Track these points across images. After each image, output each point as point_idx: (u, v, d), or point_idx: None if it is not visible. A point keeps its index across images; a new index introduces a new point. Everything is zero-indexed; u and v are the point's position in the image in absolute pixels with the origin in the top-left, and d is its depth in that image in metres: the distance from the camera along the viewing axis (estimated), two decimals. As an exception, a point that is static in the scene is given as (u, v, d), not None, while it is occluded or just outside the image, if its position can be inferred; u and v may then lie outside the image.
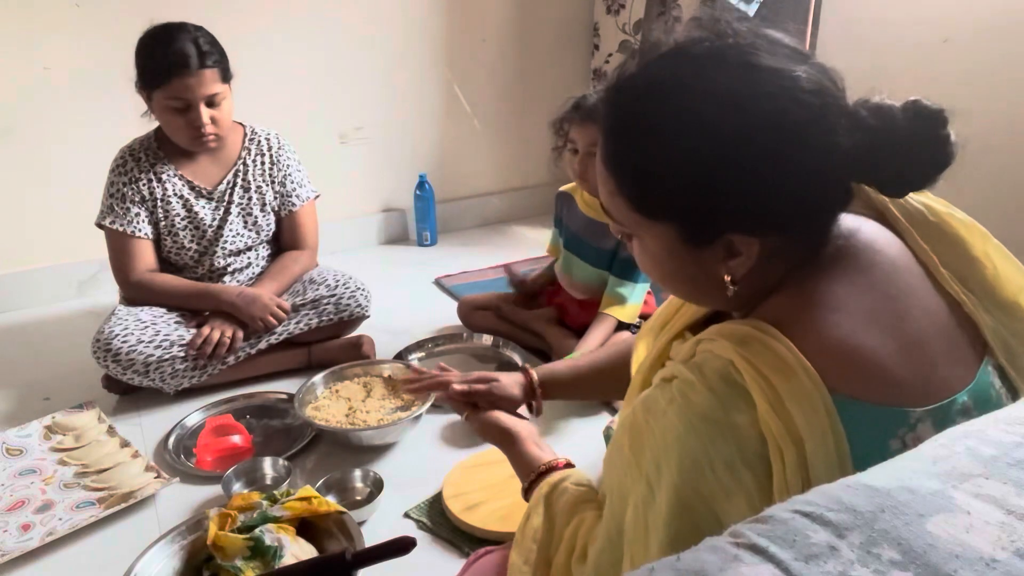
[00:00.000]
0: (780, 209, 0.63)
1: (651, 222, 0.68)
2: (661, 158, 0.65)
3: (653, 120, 0.65)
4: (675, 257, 0.69)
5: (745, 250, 0.65)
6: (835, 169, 0.63)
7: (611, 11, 2.90)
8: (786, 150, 0.61)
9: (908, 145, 0.63)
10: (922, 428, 0.60)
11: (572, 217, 1.93)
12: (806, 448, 0.57)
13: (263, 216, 1.95)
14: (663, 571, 0.45)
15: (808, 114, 0.61)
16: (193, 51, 1.67)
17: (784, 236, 0.65)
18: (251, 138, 1.94)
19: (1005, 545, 0.44)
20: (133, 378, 1.72)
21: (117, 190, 1.81)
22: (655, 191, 0.66)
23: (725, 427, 0.60)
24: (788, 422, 0.58)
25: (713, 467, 0.60)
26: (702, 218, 0.65)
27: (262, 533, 1.13)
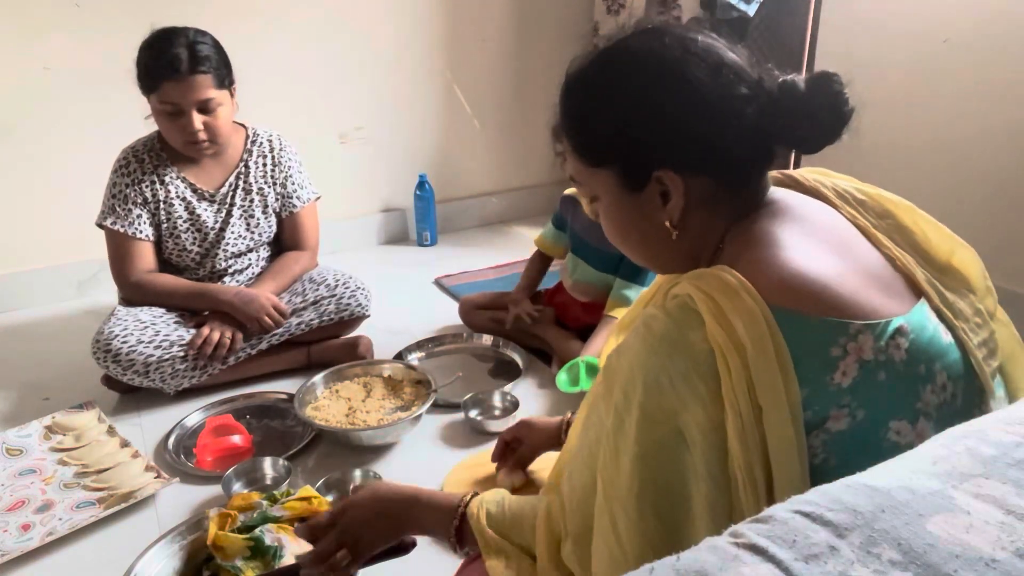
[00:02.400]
0: (694, 149, 0.75)
1: (596, 170, 0.80)
2: (594, 107, 0.79)
3: (588, 81, 0.80)
4: (623, 209, 0.81)
5: (673, 188, 0.75)
6: (739, 120, 0.74)
7: (611, 11, 2.90)
8: (690, 97, 0.74)
9: (809, 106, 0.73)
10: (862, 339, 0.66)
11: (578, 221, 1.93)
12: (748, 354, 0.63)
13: (264, 218, 1.95)
14: (663, 571, 0.45)
15: (707, 73, 0.74)
16: (185, 56, 1.66)
17: (707, 179, 0.76)
18: (253, 140, 1.93)
19: (1005, 545, 0.44)
20: (133, 378, 1.72)
21: (119, 191, 1.81)
22: (593, 136, 0.80)
23: (680, 344, 0.66)
24: (731, 332, 0.64)
25: (672, 381, 0.66)
26: (633, 157, 0.77)
27: (262, 533, 1.13)
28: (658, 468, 0.67)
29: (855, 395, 0.65)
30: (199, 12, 2.33)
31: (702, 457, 0.66)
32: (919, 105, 2.15)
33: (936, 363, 0.69)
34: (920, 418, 0.68)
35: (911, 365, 0.68)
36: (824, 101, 0.73)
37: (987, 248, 2.35)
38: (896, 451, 0.62)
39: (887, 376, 0.66)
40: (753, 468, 0.64)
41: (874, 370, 0.66)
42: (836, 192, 0.81)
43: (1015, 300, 2.02)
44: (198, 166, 1.86)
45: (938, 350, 0.70)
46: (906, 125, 2.19)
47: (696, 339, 0.66)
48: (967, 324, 0.74)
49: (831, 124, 0.73)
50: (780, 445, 0.64)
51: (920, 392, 0.68)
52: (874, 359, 0.66)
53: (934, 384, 0.69)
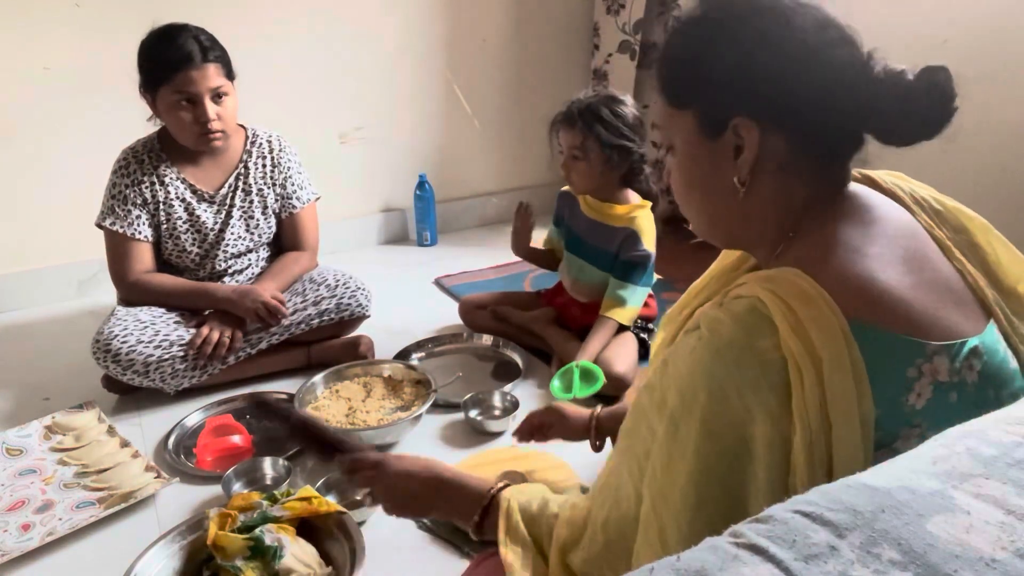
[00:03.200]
0: (777, 99, 0.71)
1: (678, 111, 0.77)
2: (689, 41, 0.76)
3: (690, 18, 0.77)
4: (696, 158, 0.77)
5: (748, 139, 0.72)
6: (833, 85, 0.70)
7: (611, 11, 2.90)
8: (786, 43, 0.71)
9: (912, 96, 0.69)
10: (938, 360, 0.63)
11: (575, 219, 1.93)
12: (823, 367, 0.60)
13: (264, 219, 1.95)
14: (663, 571, 0.45)
15: (813, 25, 0.71)
16: (196, 46, 1.69)
17: (785, 140, 0.72)
18: (252, 140, 1.93)
19: (1005, 545, 0.44)
20: (133, 378, 1.72)
21: (119, 191, 1.81)
22: (683, 71, 0.77)
23: (749, 351, 0.63)
24: (807, 343, 0.61)
25: (740, 391, 0.62)
26: (716, 97, 0.74)
27: (262, 533, 1.13)
28: (718, 482, 0.64)
29: (926, 416, 0.63)
30: (199, 12, 2.33)
31: (766, 472, 0.62)
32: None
33: (1004, 389, 0.67)
34: None
35: (982, 389, 0.66)
36: (931, 95, 0.69)
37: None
38: None
39: (958, 397, 0.64)
40: (817, 483, 0.60)
41: (947, 391, 0.64)
42: (913, 199, 0.78)
43: (1015, 300, 2.03)
44: (198, 167, 1.86)
45: (1007, 375, 0.68)
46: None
47: (767, 347, 0.62)
48: None
49: (932, 118, 0.69)
50: (847, 463, 0.60)
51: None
52: (948, 380, 0.64)
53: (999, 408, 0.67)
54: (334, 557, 1.18)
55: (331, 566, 1.17)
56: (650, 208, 1.85)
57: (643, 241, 1.80)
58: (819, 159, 0.73)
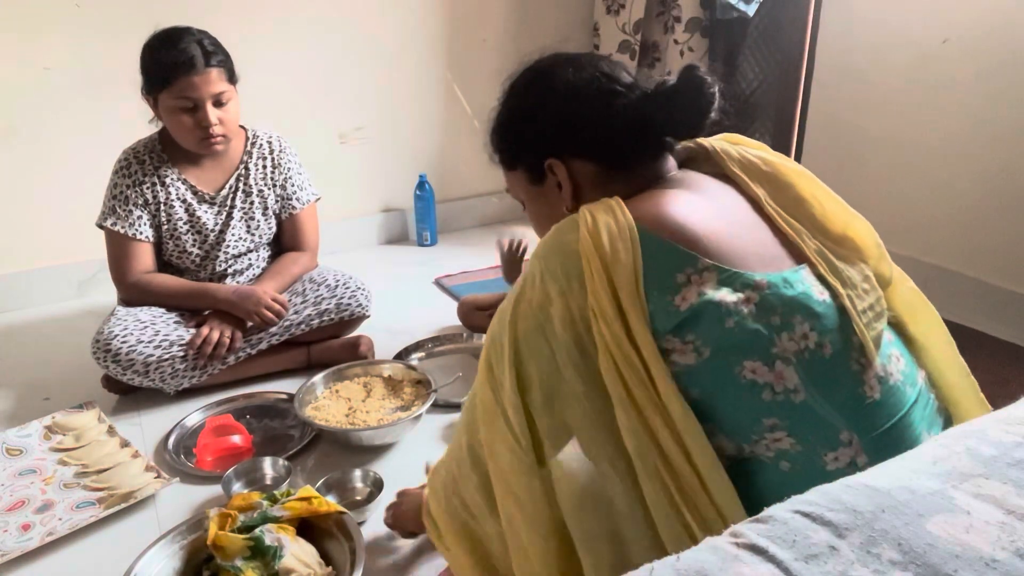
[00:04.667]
0: (569, 137, 0.91)
1: (512, 173, 1.00)
2: (497, 119, 1.01)
3: (495, 112, 1.02)
4: (536, 202, 0.99)
5: (560, 173, 0.92)
6: (608, 110, 0.89)
7: (611, 11, 2.90)
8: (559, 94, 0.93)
9: (679, 95, 0.87)
10: (707, 275, 0.76)
11: None
12: (607, 261, 0.75)
13: (264, 220, 1.95)
14: (663, 571, 0.45)
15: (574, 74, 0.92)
16: (198, 51, 1.68)
17: (590, 163, 0.91)
18: (253, 142, 1.93)
19: (1005, 545, 0.44)
20: (133, 378, 1.72)
21: (120, 192, 1.81)
22: (500, 143, 1.01)
23: (556, 246, 0.80)
24: (597, 241, 0.77)
25: (543, 277, 0.79)
26: (527, 152, 0.96)
27: (262, 533, 1.13)
28: (529, 357, 0.80)
29: (697, 331, 0.75)
30: (199, 12, 2.33)
31: (563, 347, 0.78)
32: (918, 105, 2.15)
33: (797, 315, 0.77)
34: (777, 361, 0.75)
35: (762, 314, 0.76)
36: (689, 88, 0.86)
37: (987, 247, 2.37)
38: (754, 388, 0.75)
39: (735, 323, 0.74)
40: (623, 346, 0.74)
41: (722, 316, 0.74)
42: (740, 162, 0.89)
43: (1014, 300, 2.03)
44: (199, 168, 1.86)
45: (803, 306, 0.77)
46: (905, 125, 2.19)
47: (569, 240, 0.79)
48: (853, 291, 0.82)
49: (697, 107, 0.86)
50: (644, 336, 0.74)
51: (775, 339, 0.75)
52: (721, 303, 0.74)
53: (792, 333, 0.76)
54: (334, 557, 1.18)
55: (331, 566, 1.17)
56: None
57: None
58: (625, 168, 0.90)
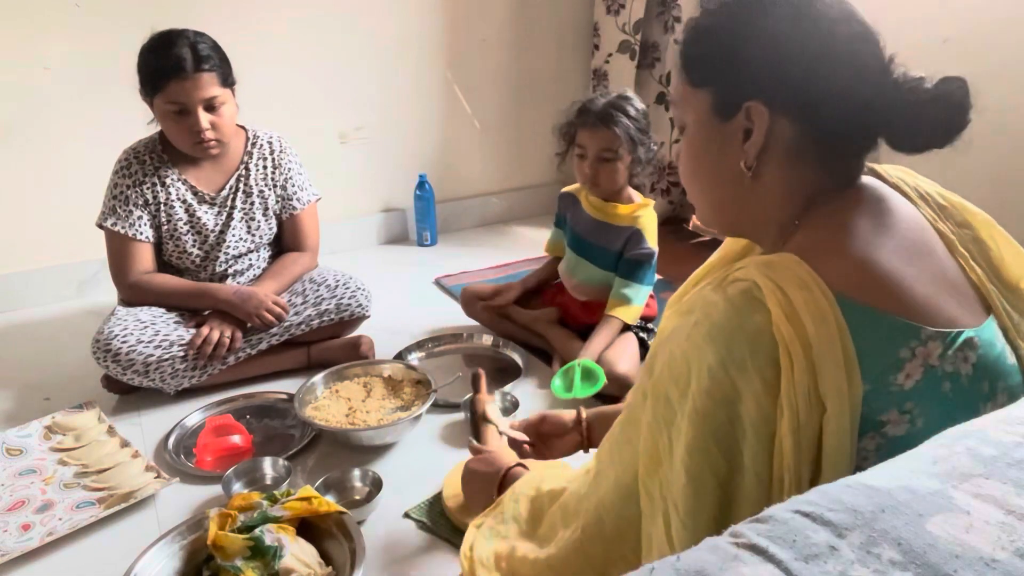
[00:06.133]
0: (792, 86, 0.71)
1: (694, 90, 0.78)
2: (714, 22, 0.77)
3: (713, 6, 0.77)
4: (706, 138, 0.78)
5: (758, 121, 0.72)
6: (850, 80, 0.71)
7: (611, 11, 2.90)
8: (807, 31, 0.71)
9: (928, 105, 0.70)
10: (932, 346, 0.64)
11: (577, 218, 1.93)
12: (813, 354, 0.61)
13: (265, 220, 1.95)
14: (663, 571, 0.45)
15: (837, 17, 0.71)
16: (189, 55, 1.67)
17: (795, 127, 0.72)
18: (253, 142, 1.93)
19: (1005, 545, 0.44)
20: (133, 378, 1.72)
21: (120, 192, 1.81)
22: (704, 50, 0.77)
23: (740, 332, 0.64)
24: (799, 328, 0.62)
25: (728, 371, 0.63)
26: (732, 78, 0.74)
27: (262, 533, 1.13)
28: (709, 463, 0.65)
29: (916, 401, 0.64)
30: (199, 12, 2.34)
31: (751, 452, 0.63)
32: (919, 105, 2.15)
33: (1000, 382, 0.68)
34: None
35: (976, 381, 0.66)
36: (946, 107, 0.70)
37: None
38: None
39: (951, 388, 0.65)
40: (801, 468, 0.62)
41: (940, 379, 0.64)
42: (918, 193, 0.79)
43: (1015, 300, 2.03)
44: (199, 168, 1.86)
45: (1004, 369, 0.69)
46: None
47: (758, 329, 0.63)
48: None
49: (944, 129, 0.71)
50: (836, 449, 0.62)
51: (980, 409, 0.66)
52: (940, 367, 0.64)
53: (995, 403, 0.67)
54: (334, 557, 1.18)
55: (331, 566, 1.17)
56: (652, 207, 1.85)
57: (647, 240, 1.80)
58: (830, 152, 0.74)
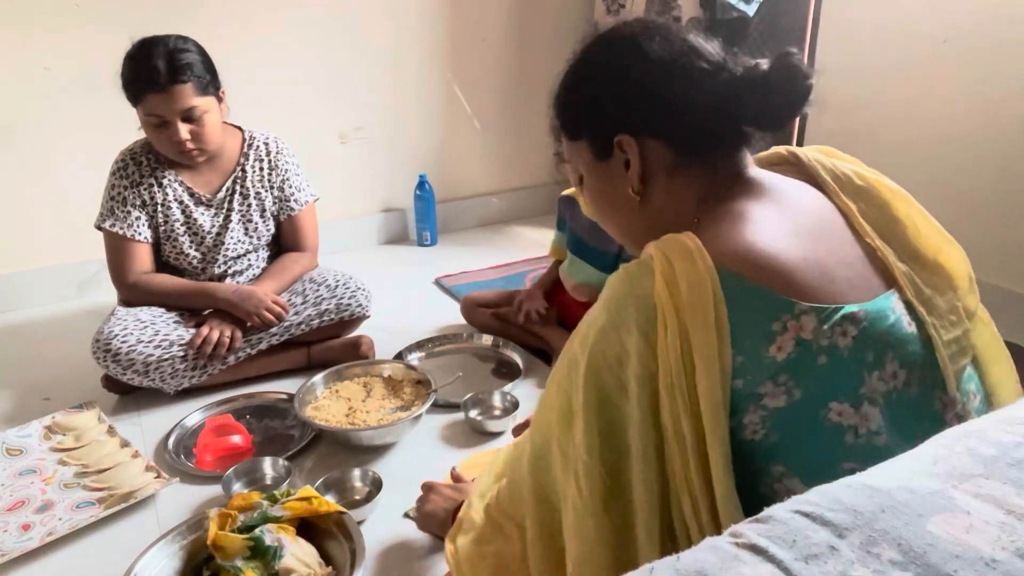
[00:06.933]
0: (648, 113, 0.81)
1: (574, 144, 0.89)
2: (568, 83, 0.88)
3: (568, 66, 0.89)
4: (597, 179, 0.88)
5: (630, 151, 0.81)
6: (693, 90, 0.79)
7: (611, 11, 2.90)
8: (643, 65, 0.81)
9: (770, 82, 0.77)
10: (805, 320, 0.68)
11: (575, 221, 1.93)
12: (686, 317, 0.67)
13: (263, 222, 1.95)
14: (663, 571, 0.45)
15: (661, 46, 0.80)
16: (164, 67, 1.64)
17: (664, 146, 0.81)
18: (249, 143, 1.92)
19: (1005, 545, 0.44)
20: (133, 378, 1.72)
21: (118, 193, 1.81)
22: (567, 109, 0.89)
23: (630, 296, 0.71)
24: (675, 294, 0.68)
25: (618, 332, 0.71)
26: (597, 123, 0.84)
27: (262, 533, 1.13)
28: (600, 417, 0.71)
29: (791, 373, 0.67)
30: (199, 12, 2.34)
31: (639, 409, 0.69)
32: (919, 105, 2.15)
33: (889, 352, 0.71)
34: (864, 403, 0.69)
35: (857, 351, 0.69)
36: (784, 77, 0.76)
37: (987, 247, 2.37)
38: (838, 432, 0.68)
39: (828, 360, 0.68)
40: (680, 421, 0.67)
41: (815, 353, 0.67)
42: (834, 175, 0.82)
43: (1015, 300, 2.02)
44: (195, 170, 1.86)
45: (896, 339, 0.71)
46: (906, 125, 2.19)
47: (644, 294, 0.70)
48: (939, 321, 0.76)
49: (791, 97, 0.77)
50: (710, 407, 0.66)
51: (865, 378, 0.69)
52: (814, 340, 0.67)
53: (882, 371, 0.70)
54: (334, 557, 1.18)
55: (331, 566, 1.17)
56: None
57: None
58: (703, 154, 0.81)
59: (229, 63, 2.40)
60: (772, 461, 0.69)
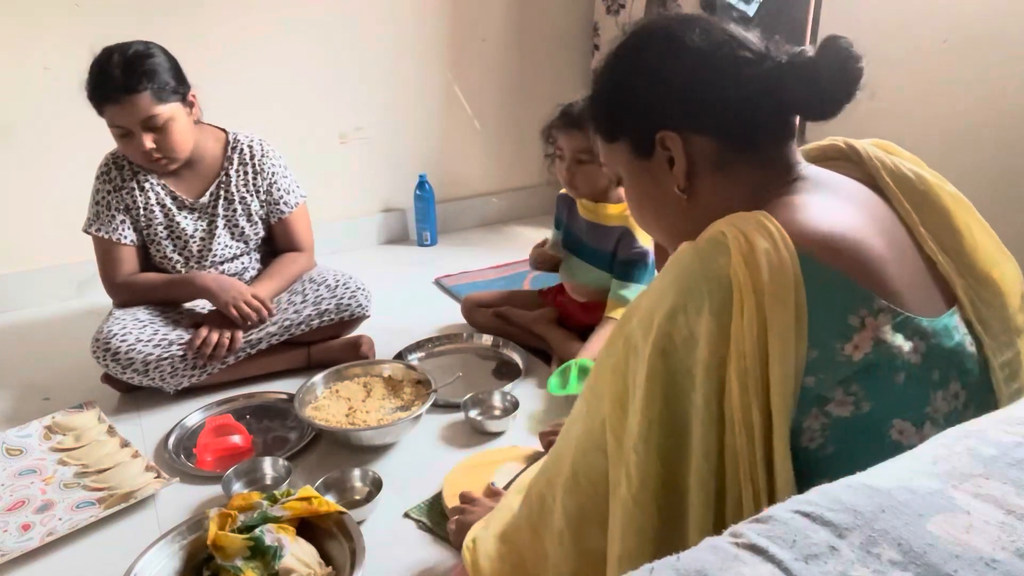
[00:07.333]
0: (690, 107, 0.77)
1: (613, 145, 0.85)
2: (605, 82, 0.85)
3: (603, 64, 0.85)
4: (639, 180, 0.84)
5: (674, 148, 0.78)
6: (738, 80, 0.75)
7: (611, 11, 2.90)
8: (684, 57, 0.77)
9: (819, 69, 0.73)
10: (882, 318, 0.64)
11: (573, 220, 1.93)
12: (765, 299, 0.63)
13: (250, 226, 1.92)
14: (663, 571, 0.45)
15: (703, 37, 0.77)
16: (120, 76, 1.61)
17: (709, 139, 0.77)
18: (233, 147, 1.88)
19: (1005, 545, 0.44)
20: (133, 377, 1.71)
21: (103, 197, 1.80)
22: (605, 110, 0.85)
23: (701, 276, 0.66)
24: (755, 272, 0.63)
25: (687, 314, 0.66)
26: (638, 122, 0.81)
27: (262, 533, 1.13)
28: (661, 406, 0.67)
29: (863, 384, 0.64)
30: (198, 12, 2.34)
31: (703, 397, 0.65)
32: (919, 104, 2.14)
33: (953, 372, 0.68)
34: (927, 423, 0.67)
35: (926, 369, 0.67)
36: (833, 62, 0.73)
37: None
38: (897, 450, 0.61)
39: (901, 375, 0.65)
40: (751, 411, 0.64)
41: (889, 366, 0.65)
42: (895, 176, 0.79)
43: (1015, 300, 2.03)
44: (178, 176, 1.83)
45: (959, 360, 0.69)
46: (906, 125, 2.19)
47: (718, 273, 0.65)
48: (994, 342, 0.73)
49: (841, 85, 0.73)
50: (780, 398, 0.63)
51: (931, 398, 0.67)
52: (889, 349, 0.64)
53: (946, 392, 0.68)
54: (334, 557, 1.18)
55: (331, 566, 1.17)
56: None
57: (638, 238, 1.80)
58: (752, 149, 0.77)
59: (229, 63, 2.41)
60: (823, 475, 0.62)
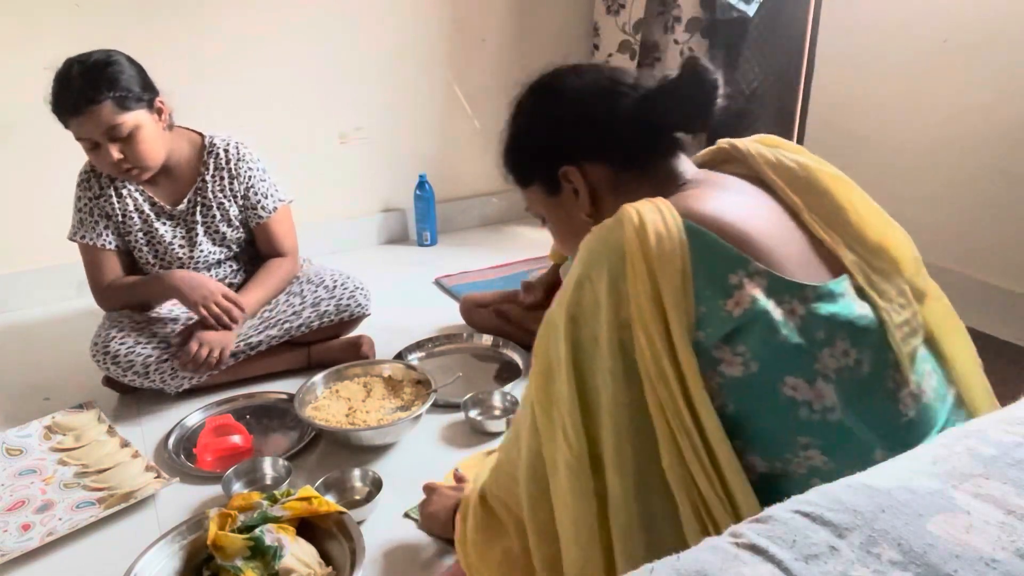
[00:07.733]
0: (579, 141, 0.90)
1: (528, 190, 0.98)
2: (507, 137, 0.99)
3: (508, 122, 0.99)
4: (556, 215, 0.97)
5: (574, 179, 0.90)
6: (615, 111, 0.88)
7: (611, 11, 2.90)
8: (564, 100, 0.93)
9: (681, 89, 0.85)
10: (758, 280, 0.72)
11: None
12: (654, 263, 0.72)
13: (231, 231, 1.88)
14: (663, 570, 0.45)
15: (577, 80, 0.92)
16: (78, 87, 1.57)
17: (603, 166, 0.89)
18: (209, 151, 1.83)
19: (1005, 545, 0.44)
20: (134, 379, 1.71)
21: (84, 205, 1.79)
22: (514, 160, 0.99)
23: (603, 248, 0.76)
24: (644, 242, 0.73)
25: (592, 282, 0.76)
26: (541, 164, 0.93)
27: (262, 533, 1.13)
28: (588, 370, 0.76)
29: (746, 342, 0.72)
30: (198, 12, 2.34)
31: (609, 352, 0.74)
32: (919, 104, 2.15)
33: (840, 331, 0.74)
34: (818, 379, 0.73)
35: (808, 329, 0.73)
36: (692, 79, 0.84)
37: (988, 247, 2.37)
38: (793, 405, 0.72)
39: (782, 333, 0.72)
40: (662, 361, 0.71)
41: (767, 324, 0.71)
42: (777, 166, 0.86)
43: (1014, 300, 2.02)
44: (155, 183, 1.81)
45: (844, 321, 0.75)
46: (906, 125, 2.19)
47: (616, 241, 0.75)
48: (890, 304, 0.79)
49: (701, 98, 0.84)
50: (685, 349, 0.71)
51: (817, 355, 0.73)
52: (768, 308, 0.71)
53: (833, 349, 0.74)
54: (334, 557, 1.19)
55: (331, 566, 1.17)
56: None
57: None
58: (638, 168, 0.89)
59: (229, 63, 2.41)
60: (732, 437, 0.72)
